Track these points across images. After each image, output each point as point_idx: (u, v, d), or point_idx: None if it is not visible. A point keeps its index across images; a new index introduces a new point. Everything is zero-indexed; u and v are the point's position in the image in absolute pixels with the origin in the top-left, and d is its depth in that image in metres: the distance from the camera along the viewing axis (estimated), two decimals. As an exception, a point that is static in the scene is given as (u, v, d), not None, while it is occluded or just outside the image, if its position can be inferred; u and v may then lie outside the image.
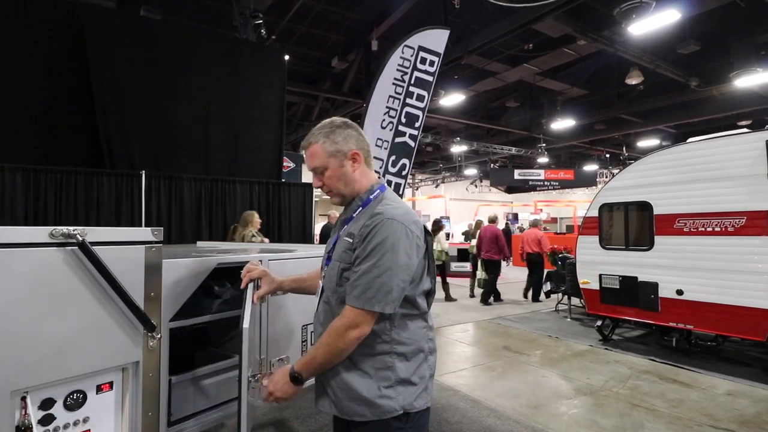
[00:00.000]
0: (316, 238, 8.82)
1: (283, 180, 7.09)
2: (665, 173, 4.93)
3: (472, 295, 9.15)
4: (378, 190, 1.43)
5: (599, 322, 5.66)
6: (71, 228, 1.23)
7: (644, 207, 5.11)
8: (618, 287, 5.24)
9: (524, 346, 5.55)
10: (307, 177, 13.83)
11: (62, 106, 5.22)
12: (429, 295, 1.41)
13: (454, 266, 12.13)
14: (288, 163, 11.97)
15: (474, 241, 9.00)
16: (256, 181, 6.39)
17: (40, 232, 1.20)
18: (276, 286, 1.62)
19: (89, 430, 1.33)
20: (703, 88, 10.28)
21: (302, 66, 11.16)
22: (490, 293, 8.37)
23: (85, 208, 5.05)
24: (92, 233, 1.28)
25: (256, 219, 5.37)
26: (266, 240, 5.46)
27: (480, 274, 8.74)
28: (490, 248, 8.15)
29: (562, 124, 13.16)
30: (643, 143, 16.84)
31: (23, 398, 1.18)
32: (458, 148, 17.30)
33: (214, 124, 6.27)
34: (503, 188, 21.62)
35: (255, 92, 6.66)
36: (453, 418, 3.46)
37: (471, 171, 22.64)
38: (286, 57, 7.44)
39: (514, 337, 6.05)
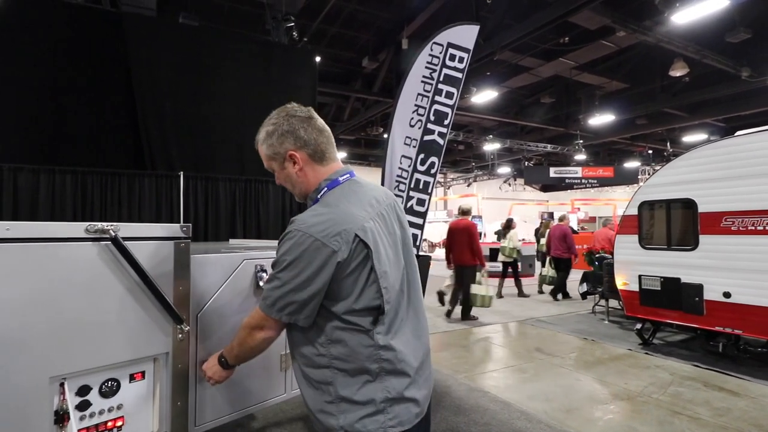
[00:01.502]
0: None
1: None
2: (711, 169, 4.65)
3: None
4: (324, 189, 1.29)
5: (639, 325, 5.41)
6: (105, 223, 1.30)
7: (688, 205, 4.84)
8: (659, 289, 4.99)
9: (558, 349, 5.38)
10: (338, 177, 13.99)
11: (107, 111, 5.50)
12: (377, 311, 1.19)
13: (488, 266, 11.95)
14: (320, 163, 12.13)
15: (543, 240, 9.53)
16: (288, 180, 6.51)
17: (76, 228, 1.27)
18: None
19: (123, 416, 1.40)
20: (756, 78, 9.64)
21: (333, 67, 11.30)
22: (559, 289, 8.73)
23: (128, 207, 5.31)
24: (125, 229, 1.34)
25: None
26: None
27: (546, 270, 9.13)
28: (559, 246, 8.45)
29: (601, 119, 12.67)
30: (689, 138, 15.99)
31: (61, 384, 1.26)
32: (491, 146, 17.01)
33: (248, 126, 6.42)
34: (538, 186, 21.07)
35: (287, 94, 6.76)
36: (482, 419, 3.40)
37: (504, 169, 22.20)
38: (318, 58, 7.54)
39: (548, 338, 5.89)
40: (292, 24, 7.67)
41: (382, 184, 4.70)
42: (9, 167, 4.75)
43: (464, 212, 6.89)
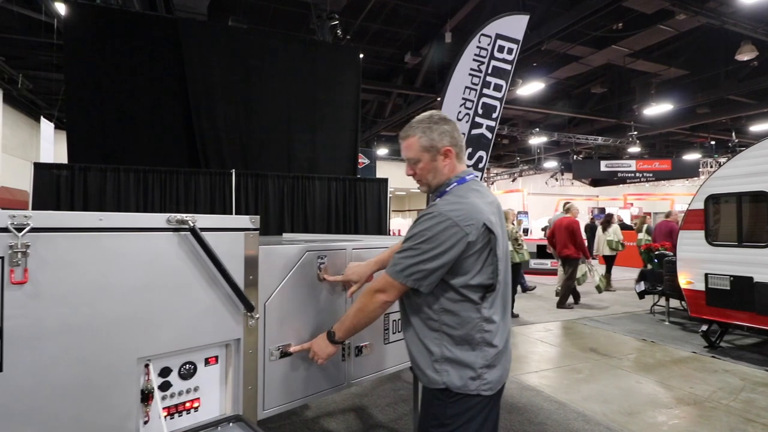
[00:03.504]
0: (392, 232, 9.01)
1: (359, 176, 7.26)
2: (789, 158, 4.28)
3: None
4: (455, 183, 1.52)
5: (705, 327, 5.07)
6: (184, 215, 1.36)
7: (761, 198, 4.48)
8: (728, 288, 4.66)
9: (614, 349, 5.15)
10: (381, 172, 14.04)
11: (165, 113, 5.79)
12: (487, 289, 1.44)
13: (533, 263, 11.59)
14: (362, 160, 12.25)
15: (640, 235, 9.76)
16: (333, 177, 6.62)
17: (158, 218, 1.34)
18: (364, 279, 1.82)
19: (199, 398, 1.47)
20: (836, 59, 8.77)
21: (375, 64, 11.33)
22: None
23: (185, 203, 5.57)
24: (201, 220, 1.40)
25: (511, 214, 6.56)
26: (521, 233, 6.83)
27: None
28: (665, 242, 8.40)
29: (657, 109, 11.95)
30: (757, 127, 14.82)
31: (146, 365, 1.33)
32: (537, 140, 16.50)
33: (294, 124, 6.59)
34: (587, 181, 20.17)
35: (332, 92, 6.88)
36: (536, 418, 3.32)
37: (551, 163, 21.45)
38: (361, 55, 7.58)
39: (603, 338, 5.64)
40: (337, 22, 7.76)
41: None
42: (80, 167, 5.11)
43: (567, 210, 7.73)
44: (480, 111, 5.02)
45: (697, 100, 12.11)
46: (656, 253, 6.71)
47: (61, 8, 5.89)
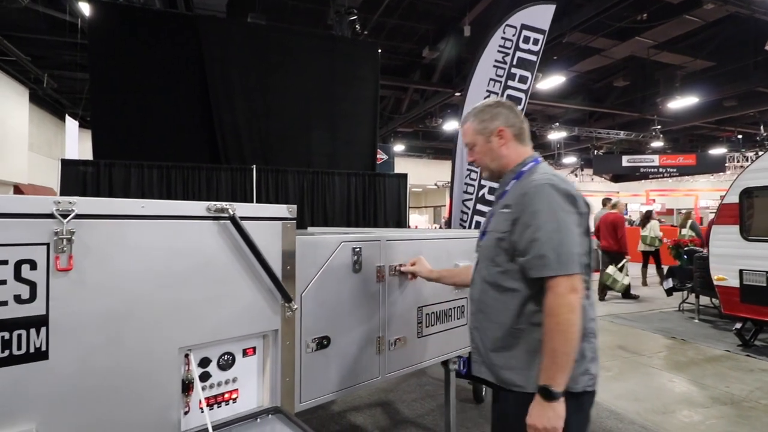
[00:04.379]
0: (411, 226, 8.96)
1: (378, 171, 7.23)
2: (832, 149, 4.08)
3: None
4: (532, 163, 1.46)
5: (738, 325, 4.90)
6: (224, 203, 1.34)
7: (801, 191, 4.30)
8: (765, 285, 4.48)
9: (643, 347, 5.01)
10: (398, 168, 13.95)
11: (186, 109, 5.83)
12: (587, 269, 1.35)
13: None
14: (381, 155, 12.21)
15: (684, 231, 9.63)
16: (353, 172, 6.60)
17: (198, 207, 1.32)
18: (427, 273, 1.90)
19: (237, 389, 1.45)
20: None
21: (392, 59, 11.26)
22: None
23: (207, 198, 5.60)
24: (240, 209, 1.38)
25: None
26: None
27: None
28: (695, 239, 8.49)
29: (682, 102, 11.59)
30: (787, 120, 14.29)
31: (186, 355, 1.32)
32: (556, 135, 16.22)
33: (314, 120, 6.58)
34: (608, 177, 19.76)
35: (350, 87, 6.85)
36: (567, 416, 3.23)
37: (570, 159, 21.09)
38: (379, 50, 7.52)
39: (631, 336, 5.50)
40: (355, 17, 7.72)
41: (453, 172, 4.61)
42: (105, 163, 5.18)
43: (612, 206, 7.99)
44: (504, 104, 4.92)
45: (724, 93, 11.73)
46: (686, 249, 6.51)
47: (85, 8, 5.97)
